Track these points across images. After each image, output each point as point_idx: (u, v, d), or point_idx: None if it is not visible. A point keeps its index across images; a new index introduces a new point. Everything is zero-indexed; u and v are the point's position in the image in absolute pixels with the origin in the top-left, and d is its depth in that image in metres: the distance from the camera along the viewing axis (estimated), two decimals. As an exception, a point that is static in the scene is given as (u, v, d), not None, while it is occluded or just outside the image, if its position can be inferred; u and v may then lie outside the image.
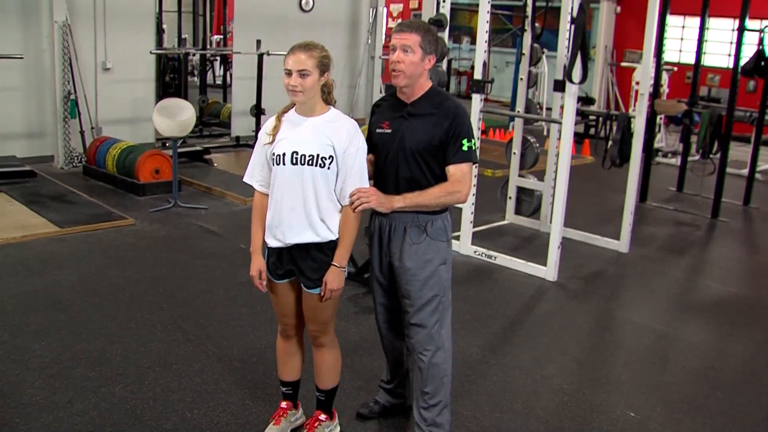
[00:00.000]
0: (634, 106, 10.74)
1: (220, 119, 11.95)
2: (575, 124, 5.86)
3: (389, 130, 3.18)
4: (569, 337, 4.87)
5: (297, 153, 2.96)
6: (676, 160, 10.26)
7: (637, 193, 7.44)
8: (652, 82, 7.16)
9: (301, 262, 3.08)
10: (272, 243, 3.11)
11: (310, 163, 2.95)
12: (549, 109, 10.25)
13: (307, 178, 2.97)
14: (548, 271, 5.98)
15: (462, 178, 3.11)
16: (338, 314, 4.87)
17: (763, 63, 8.74)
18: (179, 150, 7.91)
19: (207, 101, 12.33)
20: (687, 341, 4.94)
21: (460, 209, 6.43)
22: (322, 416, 3.40)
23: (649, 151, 8.75)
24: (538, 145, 7.33)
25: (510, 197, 7.56)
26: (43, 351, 4.17)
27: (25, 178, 7.99)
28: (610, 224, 7.29)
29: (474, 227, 6.59)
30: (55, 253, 5.85)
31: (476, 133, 6.29)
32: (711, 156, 8.44)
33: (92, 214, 6.88)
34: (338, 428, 3.50)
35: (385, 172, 3.20)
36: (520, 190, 7.51)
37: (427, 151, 3.12)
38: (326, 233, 3.05)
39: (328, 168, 2.97)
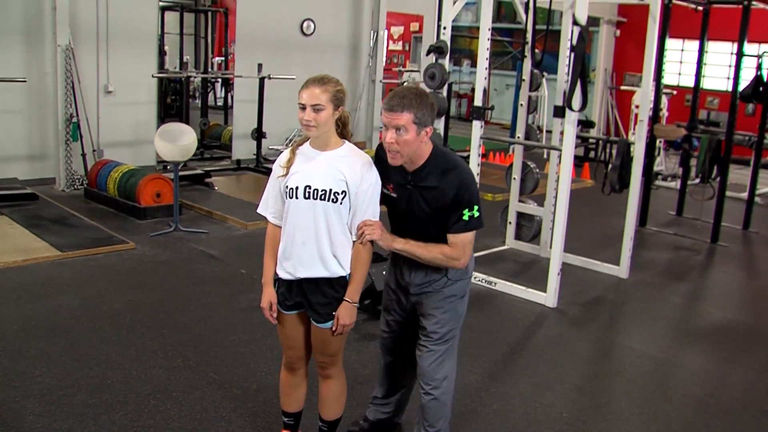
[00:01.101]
0: (634, 129, 10.80)
1: (221, 142, 11.98)
2: (575, 147, 5.89)
3: (395, 195, 3.17)
4: (569, 365, 4.88)
5: (310, 187, 2.97)
6: (676, 184, 10.29)
7: (637, 218, 7.46)
8: (651, 106, 7.20)
9: (311, 296, 3.09)
10: (283, 275, 3.12)
11: (323, 198, 2.96)
12: (549, 131, 10.28)
13: (320, 212, 2.98)
14: (548, 297, 5.99)
15: (463, 247, 3.11)
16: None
17: (761, 88, 8.79)
18: (180, 173, 7.94)
19: (208, 124, 12.38)
20: (686, 368, 4.94)
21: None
22: None
23: (648, 175, 8.79)
24: (537, 170, 7.35)
25: (510, 222, 7.58)
26: (43, 377, 4.17)
27: (27, 200, 8.01)
28: (609, 249, 7.31)
29: (474, 253, 6.57)
30: (56, 277, 5.87)
31: (476, 169, 6.33)
32: (710, 180, 8.47)
33: (93, 237, 6.90)
34: (342, 458, 3.49)
35: (399, 224, 3.23)
36: (520, 216, 7.53)
37: (436, 218, 3.12)
38: (337, 269, 3.06)
39: (341, 203, 2.97)
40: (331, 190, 2.95)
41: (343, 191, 2.96)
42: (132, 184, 7.90)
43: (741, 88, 8.57)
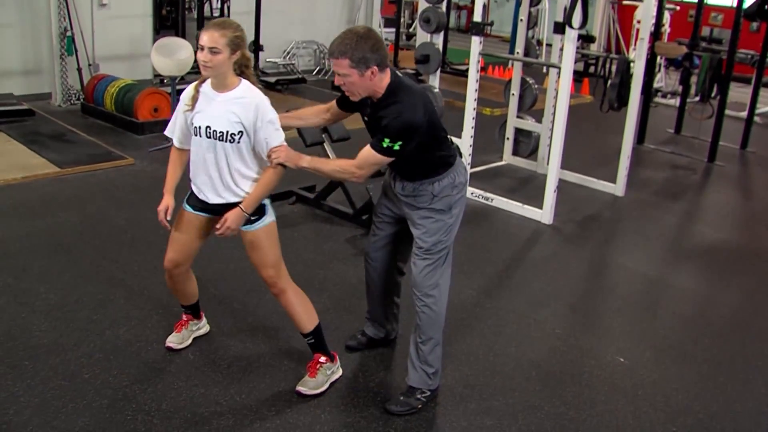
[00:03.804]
0: (635, 45, 10.67)
1: (218, 55, 11.80)
2: (574, 62, 5.85)
3: (367, 119, 3.32)
4: (563, 282, 4.97)
5: (210, 128, 3.18)
6: (675, 102, 10.25)
7: (635, 136, 7.46)
8: (653, 22, 7.11)
9: (223, 212, 3.29)
10: (196, 192, 3.37)
11: (222, 138, 3.16)
12: (549, 45, 10.18)
13: (220, 150, 3.19)
14: (544, 214, 6.05)
15: (362, 162, 3.19)
16: (336, 257, 5.02)
17: (767, 6, 8.65)
18: (177, 87, 7.87)
19: (204, 37, 12.17)
20: (678, 288, 5.05)
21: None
22: (322, 358, 3.51)
23: (648, 93, 8.74)
24: (537, 86, 7.33)
25: (508, 138, 7.59)
26: (48, 294, 4.26)
27: (24, 116, 7.96)
28: (606, 166, 7.34)
29: (471, 168, 6.64)
30: (56, 194, 5.90)
31: (473, 85, 6.29)
32: (710, 99, 8.44)
33: (92, 153, 6.90)
34: (340, 370, 3.61)
35: None
36: (518, 131, 7.54)
37: None
38: (243, 195, 3.27)
39: (239, 142, 3.17)
40: (228, 131, 3.15)
41: (239, 131, 3.15)
42: (129, 99, 7.85)
43: (746, 5, 8.44)
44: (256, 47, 10.37)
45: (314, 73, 12.17)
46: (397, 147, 3.07)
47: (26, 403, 3.26)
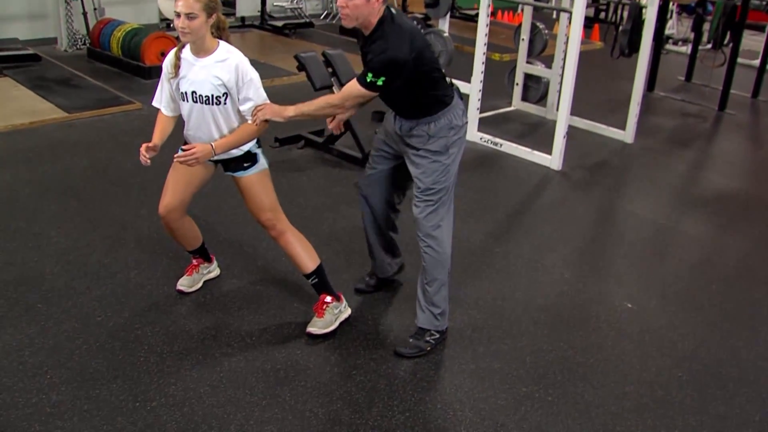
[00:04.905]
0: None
1: (225, -1, 11.72)
2: (585, 7, 5.76)
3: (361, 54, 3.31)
4: (571, 228, 4.98)
5: (195, 93, 3.23)
6: (687, 49, 10.11)
7: (645, 83, 7.38)
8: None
9: (223, 162, 3.43)
10: None
11: (208, 102, 3.22)
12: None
13: (208, 113, 3.25)
14: (553, 159, 6.04)
15: (345, 95, 3.23)
16: (342, 199, 5.04)
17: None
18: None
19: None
20: (686, 235, 5.05)
21: (467, 95, 6.43)
22: (328, 298, 3.55)
23: (659, 40, 8.62)
24: (547, 31, 7.23)
25: (517, 83, 7.53)
26: (59, 238, 4.29)
27: (30, 61, 7.93)
28: (616, 113, 7.28)
29: (480, 113, 6.61)
30: (64, 139, 5.90)
31: (483, 30, 6.20)
32: (722, 46, 8.32)
33: (99, 98, 6.89)
34: (348, 310, 3.65)
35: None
36: (528, 77, 7.47)
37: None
38: (237, 151, 3.35)
39: (225, 103, 3.23)
40: (213, 95, 3.21)
41: (224, 93, 3.21)
42: (136, 44, 7.80)
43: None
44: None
45: (322, 17, 12.04)
46: (380, 83, 3.10)
47: (40, 344, 3.30)
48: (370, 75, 3.10)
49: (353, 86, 3.18)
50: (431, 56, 3.28)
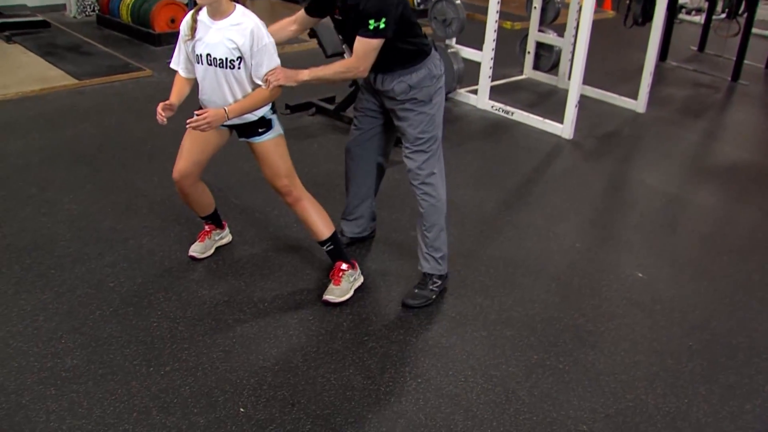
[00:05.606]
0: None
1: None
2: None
3: (340, 17, 3.31)
4: (583, 197, 4.97)
5: (210, 56, 3.19)
6: (700, 18, 9.99)
7: (658, 52, 7.30)
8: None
9: (237, 128, 3.40)
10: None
11: (222, 65, 3.18)
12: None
13: (221, 77, 3.21)
14: (564, 128, 6.01)
15: (362, 56, 3.19)
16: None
17: None
18: (193, -1, 7.78)
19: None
20: (697, 205, 5.03)
21: (478, 63, 6.41)
22: (344, 266, 3.57)
23: (672, 8, 8.53)
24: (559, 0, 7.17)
25: (529, 52, 7.48)
26: (71, 204, 4.30)
27: (39, 28, 7.90)
28: (628, 83, 7.23)
29: (492, 81, 6.57)
30: (74, 106, 5.90)
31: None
32: (736, 16, 8.23)
33: (109, 65, 6.87)
34: (362, 277, 3.68)
35: (350, 47, 3.29)
36: (540, 45, 7.42)
37: None
38: (250, 116, 3.32)
39: (239, 68, 3.18)
40: (227, 59, 3.16)
41: (238, 57, 3.16)
42: (146, 10, 7.76)
43: None
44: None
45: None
46: (383, 25, 3.10)
47: (55, 310, 3.33)
48: (372, 22, 3.08)
49: (363, 43, 3.16)
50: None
